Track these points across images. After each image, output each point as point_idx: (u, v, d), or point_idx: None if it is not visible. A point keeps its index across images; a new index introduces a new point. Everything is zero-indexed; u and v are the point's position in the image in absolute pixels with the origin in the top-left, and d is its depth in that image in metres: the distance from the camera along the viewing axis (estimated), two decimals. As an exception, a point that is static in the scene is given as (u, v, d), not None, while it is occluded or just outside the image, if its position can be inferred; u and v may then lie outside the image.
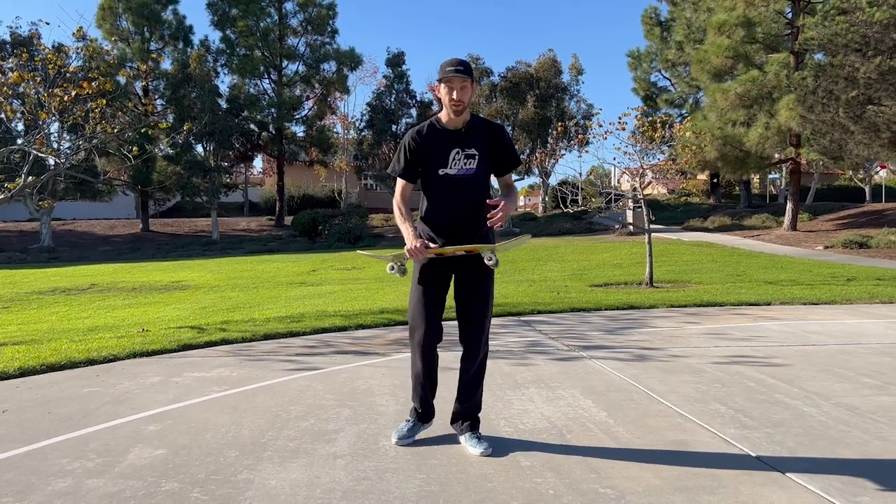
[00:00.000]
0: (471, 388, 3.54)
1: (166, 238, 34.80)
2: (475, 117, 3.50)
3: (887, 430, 3.67)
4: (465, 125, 3.43)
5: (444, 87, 3.34)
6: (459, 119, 3.41)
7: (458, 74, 3.28)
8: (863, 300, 9.37)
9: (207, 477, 3.08)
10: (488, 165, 3.48)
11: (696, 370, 5.15)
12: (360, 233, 30.33)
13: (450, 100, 3.34)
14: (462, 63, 3.32)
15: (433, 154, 3.43)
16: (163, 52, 36.03)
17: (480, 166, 3.43)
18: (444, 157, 3.42)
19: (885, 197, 38.59)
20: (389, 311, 8.74)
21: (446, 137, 3.43)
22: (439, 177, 3.43)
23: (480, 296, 3.48)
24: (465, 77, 3.29)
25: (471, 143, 3.42)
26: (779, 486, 2.92)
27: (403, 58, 37.84)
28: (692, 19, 32.28)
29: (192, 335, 6.92)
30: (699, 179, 45.73)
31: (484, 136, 3.45)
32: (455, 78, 3.29)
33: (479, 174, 3.44)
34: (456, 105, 3.33)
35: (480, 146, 3.43)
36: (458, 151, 3.41)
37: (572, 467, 3.16)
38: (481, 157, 3.43)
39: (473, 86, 3.37)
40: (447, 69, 3.30)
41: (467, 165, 3.42)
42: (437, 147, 3.43)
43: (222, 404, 4.31)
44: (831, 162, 23.39)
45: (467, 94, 3.35)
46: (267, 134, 38.98)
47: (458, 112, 3.37)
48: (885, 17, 14.81)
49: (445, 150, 3.42)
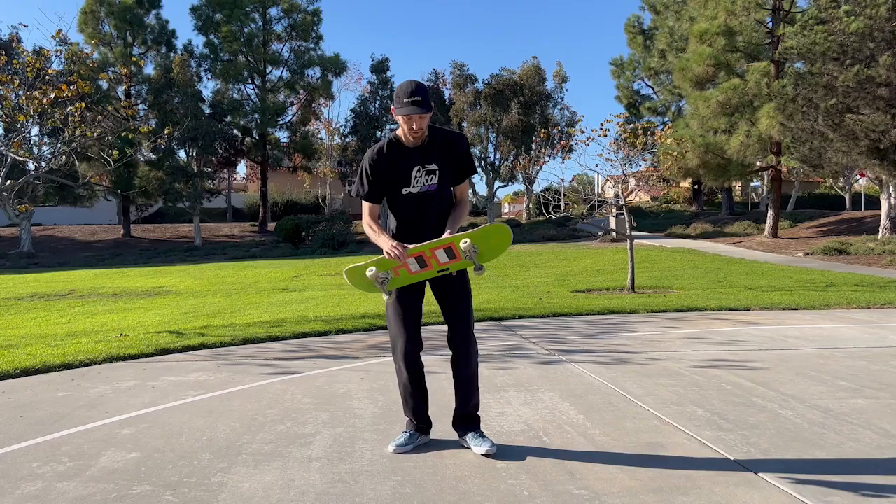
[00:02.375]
0: (468, 389, 3.52)
1: (148, 244, 34.54)
2: (434, 131, 3.44)
3: (860, 432, 3.70)
4: (425, 140, 3.40)
5: (403, 118, 3.28)
6: (419, 138, 3.39)
7: (419, 111, 3.22)
8: (841, 305, 9.46)
9: (180, 480, 3.05)
10: (449, 178, 3.47)
11: (674, 373, 5.17)
12: (343, 238, 30.26)
13: (409, 129, 3.30)
14: (421, 94, 3.24)
15: (394, 173, 3.41)
16: (145, 57, 35.82)
17: (442, 181, 3.42)
18: (407, 176, 3.39)
19: (864, 205, 39.05)
20: (371, 316, 8.72)
21: (406, 155, 3.40)
22: (403, 196, 3.43)
23: (459, 291, 3.49)
24: (425, 111, 3.23)
25: (431, 159, 3.39)
26: (752, 487, 2.94)
27: (388, 64, 37.93)
28: (675, 28, 32.61)
29: (170, 340, 6.86)
30: (682, 187, 46.07)
31: (443, 151, 3.42)
32: (414, 114, 3.24)
33: (441, 189, 3.43)
34: (416, 134, 3.32)
35: (440, 161, 3.41)
36: (418, 169, 3.39)
37: (548, 469, 3.16)
38: (442, 172, 3.41)
39: (432, 110, 3.32)
40: (404, 101, 3.23)
41: (429, 182, 3.40)
42: (398, 166, 3.40)
43: (198, 408, 4.27)
44: (811, 170, 23.62)
45: (426, 122, 3.31)
46: (250, 139, 38.85)
47: (418, 139, 3.37)
48: (861, 26, 15.02)
49: (407, 169, 3.39)
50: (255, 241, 34.95)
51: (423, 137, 3.38)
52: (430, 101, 3.30)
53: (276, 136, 40.17)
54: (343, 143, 38.71)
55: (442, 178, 3.42)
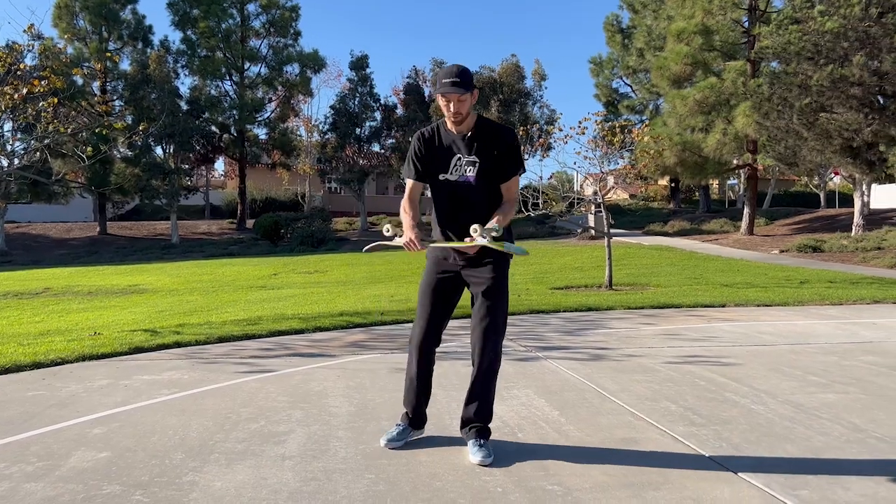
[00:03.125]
0: (477, 391, 3.39)
1: (125, 241, 34.16)
2: (483, 122, 3.39)
3: (830, 426, 3.75)
4: (471, 131, 3.35)
5: (442, 100, 3.28)
6: (463, 125, 3.35)
7: (454, 90, 3.20)
8: (814, 302, 9.59)
9: (151, 479, 3.02)
10: (490, 173, 3.35)
11: (648, 369, 5.21)
12: (323, 236, 30.14)
13: (447, 112, 3.29)
14: (459, 75, 3.23)
15: (435, 158, 3.41)
16: (121, 53, 35.40)
17: (480, 174, 3.33)
18: (446, 163, 3.38)
19: (838, 203, 39.57)
20: (349, 314, 8.69)
21: (450, 142, 3.39)
22: (440, 182, 3.41)
23: (490, 290, 3.36)
24: (461, 91, 3.21)
25: (473, 150, 3.34)
26: (723, 482, 2.97)
27: (367, 61, 37.74)
28: (652, 27, 32.83)
29: (144, 338, 6.79)
30: (660, 185, 46.43)
31: (488, 143, 3.33)
32: (450, 94, 3.23)
33: (478, 182, 3.35)
34: (454, 117, 3.29)
35: (483, 153, 3.33)
36: (459, 158, 3.36)
37: (522, 465, 3.17)
38: (482, 165, 3.33)
39: (474, 93, 3.29)
40: (443, 82, 3.23)
41: (467, 172, 3.35)
42: (440, 151, 3.40)
43: (171, 407, 4.23)
44: (786, 168, 23.92)
45: (466, 105, 3.27)
46: (228, 136, 38.51)
47: (457, 123, 3.32)
48: (835, 26, 15.20)
49: (448, 155, 3.38)
50: (233, 238, 34.69)
51: (466, 124, 3.34)
52: (472, 85, 3.26)
53: (254, 133, 39.87)
54: (322, 140, 38.43)
55: (481, 172, 3.34)
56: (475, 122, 3.36)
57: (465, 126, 3.35)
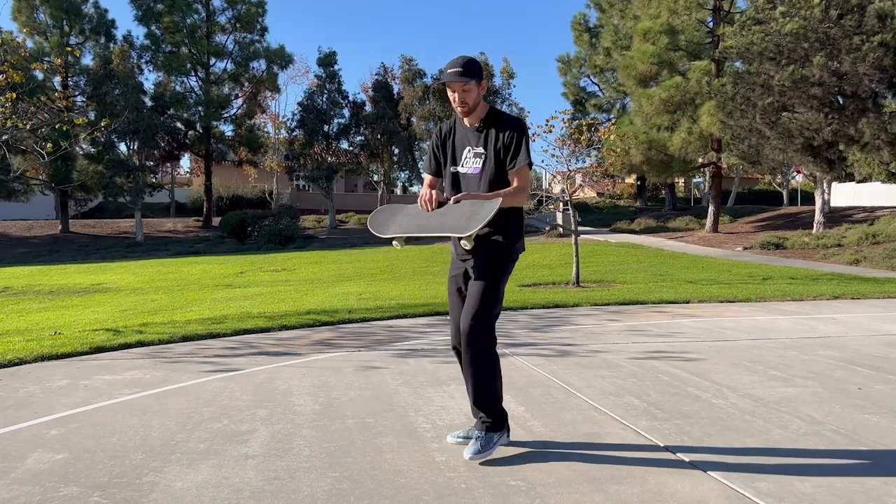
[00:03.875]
0: (471, 382, 3.29)
1: (87, 239, 33.53)
2: (493, 113, 3.35)
3: (788, 419, 3.82)
4: (481, 123, 3.33)
5: (448, 90, 3.27)
6: (474, 117, 3.33)
7: (458, 79, 3.18)
8: (776, 298, 9.76)
9: (110, 480, 2.97)
10: (497, 165, 3.29)
11: (613, 365, 5.26)
12: (290, 234, 29.89)
13: (452, 101, 3.28)
14: (463, 65, 3.21)
15: (449, 150, 3.42)
16: (83, 47, 34.70)
17: (486, 166, 3.29)
18: (459, 155, 3.39)
19: (800, 201, 40.34)
20: (316, 312, 8.64)
21: (463, 134, 3.39)
22: (452, 173, 3.42)
23: (476, 278, 3.27)
24: (464, 80, 3.19)
25: (481, 142, 3.32)
26: (684, 474, 3.01)
27: (335, 57, 37.47)
28: (619, 26, 33.12)
29: (106, 337, 6.68)
30: (627, 183, 46.88)
31: (495, 135, 3.28)
32: (454, 83, 3.20)
33: (486, 174, 3.30)
34: (460, 107, 3.28)
35: (488, 145, 3.29)
36: (469, 149, 3.36)
37: (486, 461, 3.17)
38: (488, 157, 3.29)
39: (482, 84, 3.26)
40: (447, 72, 3.21)
41: (474, 165, 3.33)
42: (453, 143, 3.41)
43: (132, 407, 4.16)
44: (750, 166, 24.30)
45: (472, 96, 3.24)
46: (194, 133, 37.99)
47: (464, 113, 3.31)
48: (796, 27, 15.48)
49: (461, 147, 3.39)
50: (198, 236, 34.26)
51: (476, 116, 3.32)
52: (479, 74, 3.24)
53: (220, 130, 39.39)
54: (290, 137, 38.10)
55: (487, 164, 3.30)
56: (486, 114, 3.33)
57: (476, 117, 3.33)
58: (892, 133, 15.10)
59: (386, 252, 22.62)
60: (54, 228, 35.98)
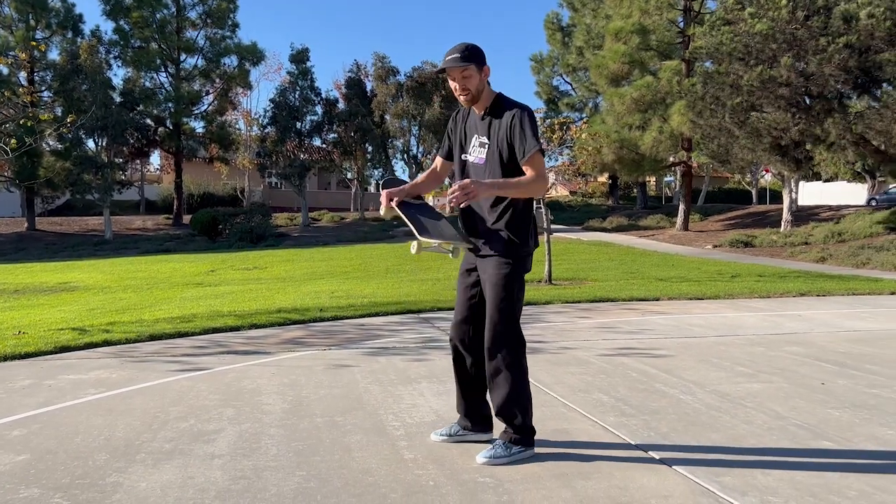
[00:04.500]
0: (491, 386, 3.22)
1: (54, 237, 32.96)
2: (499, 100, 3.24)
3: (754, 415, 3.88)
4: (486, 111, 3.23)
5: (450, 81, 3.19)
6: (480, 105, 3.24)
7: (455, 64, 3.10)
8: (744, 295, 9.90)
9: (72, 481, 2.92)
10: (501, 154, 3.18)
11: (583, 362, 5.30)
12: (262, 232, 29.66)
13: (455, 92, 3.20)
14: (461, 50, 3.12)
15: (460, 138, 3.38)
16: (50, 42, 34.09)
17: (490, 157, 3.21)
18: (467, 142, 3.34)
19: (769, 199, 40.97)
20: (287, 311, 8.57)
21: (473, 122, 3.32)
22: (460, 161, 3.38)
23: (488, 287, 3.19)
24: (462, 66, 3.10)
25: (486, 131, 3.24)
26: (650, 470, 3.03)
27: (308, 54, 37.21)
28: (592, 25, 33.30)
29: (72, 337, 6.56)
30: (599, 181, 47.22)
31: (499, 124, 3.18)
32: (452, 69, 3.12)
33: (489, 164, 3.21)
34: (462, 94, 3.18)
35: (494, 135, 3.20)
36: (476, 137, 3.29)
37: (455, 458, 3.18)
38: (491, 147, 3.20)
39: (485, 69, 3.17)
40: (445, 59, 3.14)
41: (480, 155, 3.26)
42: (465, 130, 3.36)
43: (97, 407, 4.10)
44: (720, 165, 24.63)
45: (473, 82, 3.14)
46: (164, 129, 37.53)
47: (468, 101, 3.22)
48: (765, 28, 15.70)
49: (470, 135, 3.33)
50: (169, 234, 33.84)
51: (482, 104, 3.23)
52: (479, 60, 3.14)
53: (191, 126, 38.96)
54: (262, 134, 37.78)
55: (491, 155, 3.21)
56: (492, 102, 3.23)
57: (482, 105, 3.24)
58: (856, 133, 15.39)
59: (359, 250, 22.53)
60: (20, 226, 35.31)
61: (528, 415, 3.18)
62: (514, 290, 3.16)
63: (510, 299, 3.14)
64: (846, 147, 15.98)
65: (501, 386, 3.14)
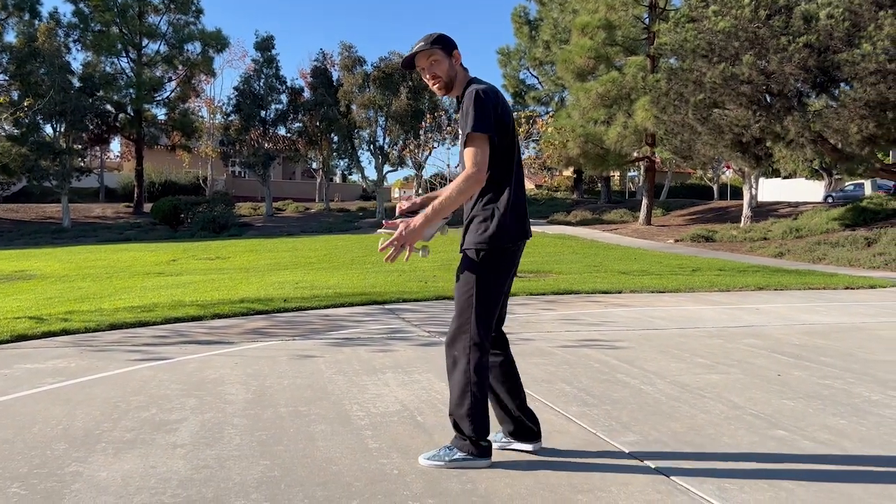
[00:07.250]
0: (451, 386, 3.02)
1: (10, 225, 32.16)
2: (469, 85, 2.96)
3: (712, 405, 3.96)
4: (459, 98, 2.98)
5: (420, 72, 3.01)
6: (455, 93, 3.01)
7: (420, 48, 2.93)
8: (704, 289, 10.08)
9: (30, 471, 2.87)
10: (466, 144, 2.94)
11: (546, 353, 5.35)
12: (225, 221, 29.32)
13: (428, 83, 3.01)
14: (426, 37, 2.95)
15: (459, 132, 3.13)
16: (5, 24, 33.16)
17: (461, 147, 2.94)
18: None
19: (730, 195, 41.73)
20: (250, 301, 8.50)
21: None
22: None
23: (457, 286, 3.02)
24: (428, 49, 2.92)
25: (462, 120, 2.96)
26: (609, 457, 3.09)
27: (273, 42, 36.81)
28: (559, 20, 33.48)
29: (28, 325, 6.43)
30: (564, 175, 47.58)
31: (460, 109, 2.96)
32: (419, 57, 2.95)
33: (461, 157, 2.95)
34: (432, 82, 2.98)
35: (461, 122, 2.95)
36: None
37: (419, 447, 3.19)
38: (461, 137, 2.93)
39: (455, 55, 2.97)
40: (411, 51, 2.96)
41: (459, 144, 2.97)
42: None
43: (55, 396, 4.03)
44: (682, 161, 24.99)
45: (442, 67, 2.94)
46: (125, 116, 36.82)
47: (440, 90, 2.99)
48: (727, 25, 15.94)
49: None
50: (129, 222, 33.26)
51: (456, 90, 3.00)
52: (445, 42, 2.95)
53: (152, 113, 38.31)
54: (226, 122, 37.29)
55: (461, 145, 2.93)
56: (464, 88, 2.96)
57: (456, 93, 3.01)
58: (815, 131, 15.73)
59: (324, 241, 22.40)
60: (-27, 213, 34.38)
61: (473, 420, 2.90)
62: (480, 289, 2.92)
63: (470, 299, 2.91)
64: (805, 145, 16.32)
65: (457, 385, 2.94)
